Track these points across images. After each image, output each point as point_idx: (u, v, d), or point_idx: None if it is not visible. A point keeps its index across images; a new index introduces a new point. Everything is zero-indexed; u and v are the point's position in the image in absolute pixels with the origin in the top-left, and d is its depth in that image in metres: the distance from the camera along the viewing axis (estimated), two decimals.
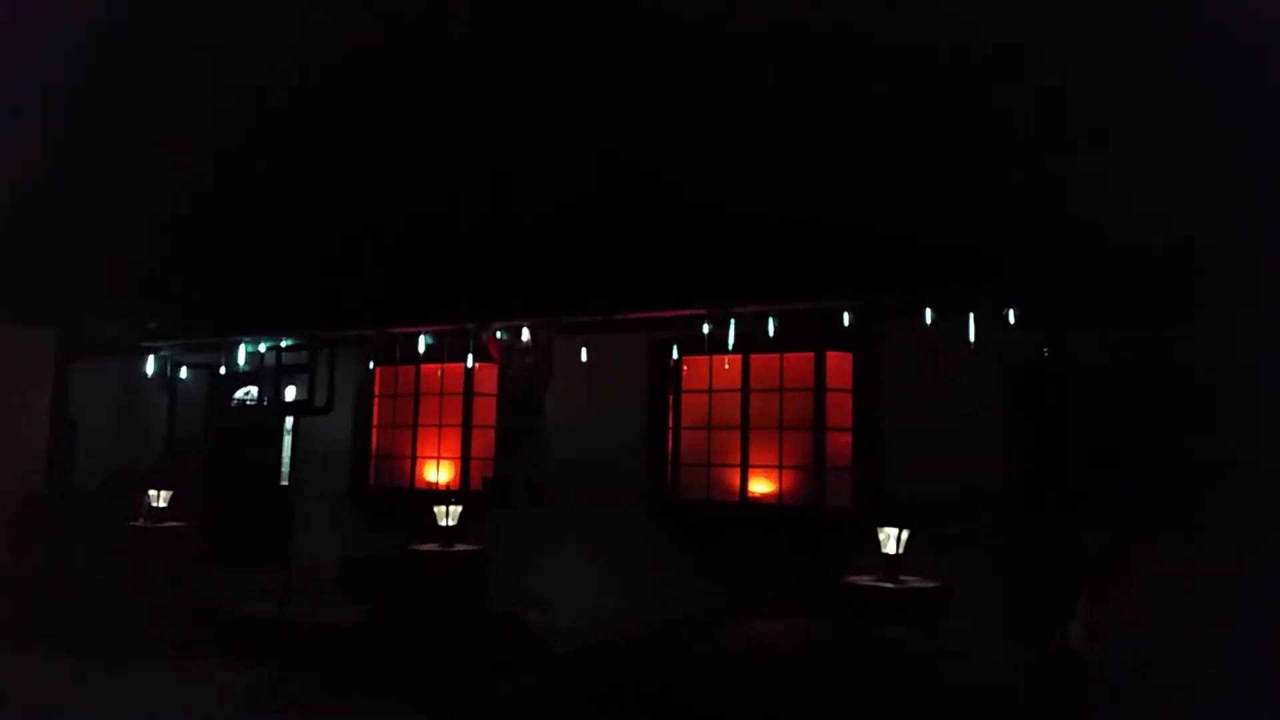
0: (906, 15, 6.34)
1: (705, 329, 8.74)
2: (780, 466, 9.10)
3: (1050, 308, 7.55)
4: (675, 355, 9.44)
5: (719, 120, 7.81)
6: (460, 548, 9.14)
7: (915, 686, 6.07)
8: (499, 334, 9.83)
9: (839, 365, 8.85)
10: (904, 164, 7.67)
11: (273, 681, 7.28)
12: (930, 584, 7.30)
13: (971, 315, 7.77)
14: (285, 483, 10.47)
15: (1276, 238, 6.38)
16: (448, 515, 9.26)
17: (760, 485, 9.18)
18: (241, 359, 11.06)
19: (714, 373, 9.47)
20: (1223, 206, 6.63)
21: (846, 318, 8.26)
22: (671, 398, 9.64)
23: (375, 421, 11.44)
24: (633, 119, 7.81)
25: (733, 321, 8.63)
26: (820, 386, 8.88)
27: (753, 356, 9.21)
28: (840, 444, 8.81)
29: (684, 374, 9.66)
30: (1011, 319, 7.66)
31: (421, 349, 10.07)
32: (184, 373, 11.91)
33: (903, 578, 7.33)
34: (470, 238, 9.61)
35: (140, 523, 10.46)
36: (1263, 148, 6.22)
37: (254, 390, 12.21)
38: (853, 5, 6.31)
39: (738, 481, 9.24)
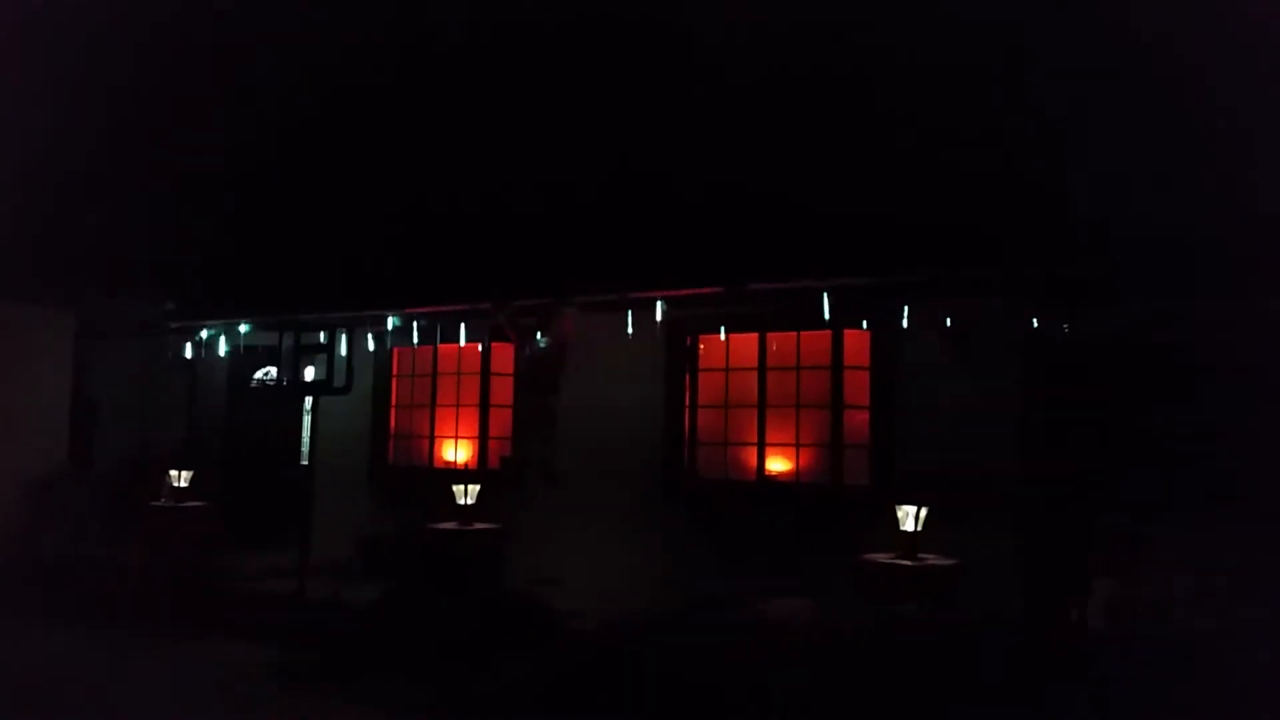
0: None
1: (722, 307, 8.72)
2: (797, 445, 9.09)
3: (1070, 285, 7.49)
4: (692, 334, 9.42)
5: (737, 101, 7.79)
6: (478, 526, 9.18)
7: (933, 663, 6.08)
8: (516, 314, 9.83)
9: (856, 343, 8.81)
10: (921, 143, 7.64)
11: (291, 660, 7.33)
12: (948, 561, 7.29)
13: (990, 292, 7.73)
14: (305, 462, 10.51)
15: None
16: (466, 494, 9.29)
17: (777, 464, 9.17)
18: (261, 339, 11.09)
19: (730, 351, 9.45)
20: (1250, 181, 6.56)
21: (864, 295, 8.23)
22: (688, 376, 9.63)
23: (394, 401, 11.48)
24: (650, 100, 7.79)
25: (750, 300, 8.60)
26: (838, 364, 8.84)
27: (770, 335, 9.18)
28: (858, 422, 8.78)
29: (700, 353, 9.64)
30: (1030, 296, 7.62)
31: (439, 329, 10.08)
32: (204, 353, 11.96)
33: (921, 555, 7.32)
34: (488, 218, 9.62)
35: (161, 502, 10.54)
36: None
37: (273, 370, 12.25)
38: None
39: (754, 460, 9.23)
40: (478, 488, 9.38)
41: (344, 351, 8.84)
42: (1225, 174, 6.53)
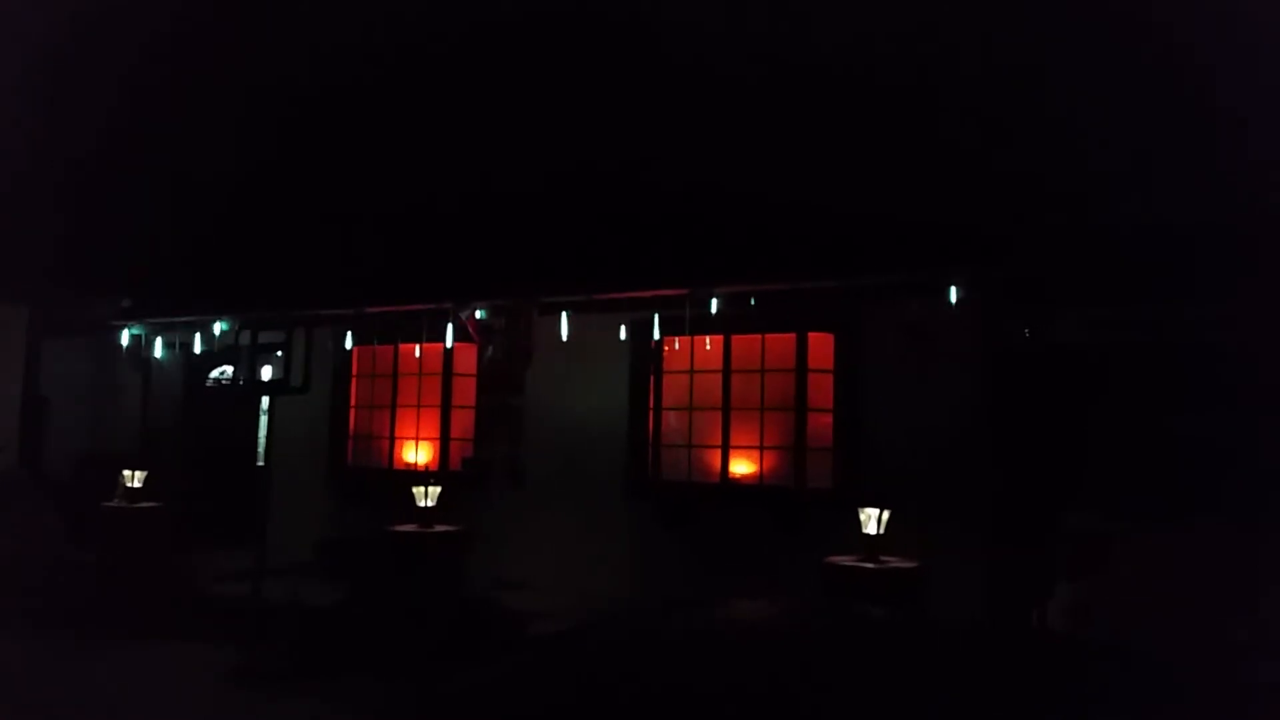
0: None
1: (687, 309, 8.69)
2: (761, 447, 9.07)
3: (1034, 288, 7.53)
4: (656, 336, 9.38)
5: (701, 101, 7.75)
6: (439, 529, 9.08)
7: (894, 666, 6.07)
8: (478, 313, 9.76)
9: (821, 346, 8.82)
10: (886, 144, 7.63)
11: (249, 662, 7.21)
12: (910, 564, 7.30)
13: (955, 295, 7.75)
14: (261, 463, 10.38)
15: (1264, 216, 6.37)
16: (426, 496, 9.19)
17: (741, 466, 9.15)
18: (217, 338, 10.93)
19: (695, 353, 9.42)
20: (1209, 185, 6.62)
21: (829, 298, 8.23)
22: (652, 378, 9.58)
23: (353, 402, 11.34)
24: (614, 100, 7.74)
25: (714, 302, 8.58)
26: (802, 367, 8.84)
27: (734, 337, 9.16)
28: (821, 425, 8.78)
29: (665, 355, 9.60)
30: (995, 299, 7.64)
31: (400, 328, 9.97)
32: (159, 352, 11.76)
33: (883, 558, 7.32)
34: (450, 217, 9.52)
35: (115, 503, 10.35)
36: (1250, 125, 6.21)
37: (229, 369, 12.07)
38: None
39: (719, 463, 9.20)
40: (439, 490, 9.28)
41: (301, 351, 8.72)
42: (1197, 175, 6.58)
